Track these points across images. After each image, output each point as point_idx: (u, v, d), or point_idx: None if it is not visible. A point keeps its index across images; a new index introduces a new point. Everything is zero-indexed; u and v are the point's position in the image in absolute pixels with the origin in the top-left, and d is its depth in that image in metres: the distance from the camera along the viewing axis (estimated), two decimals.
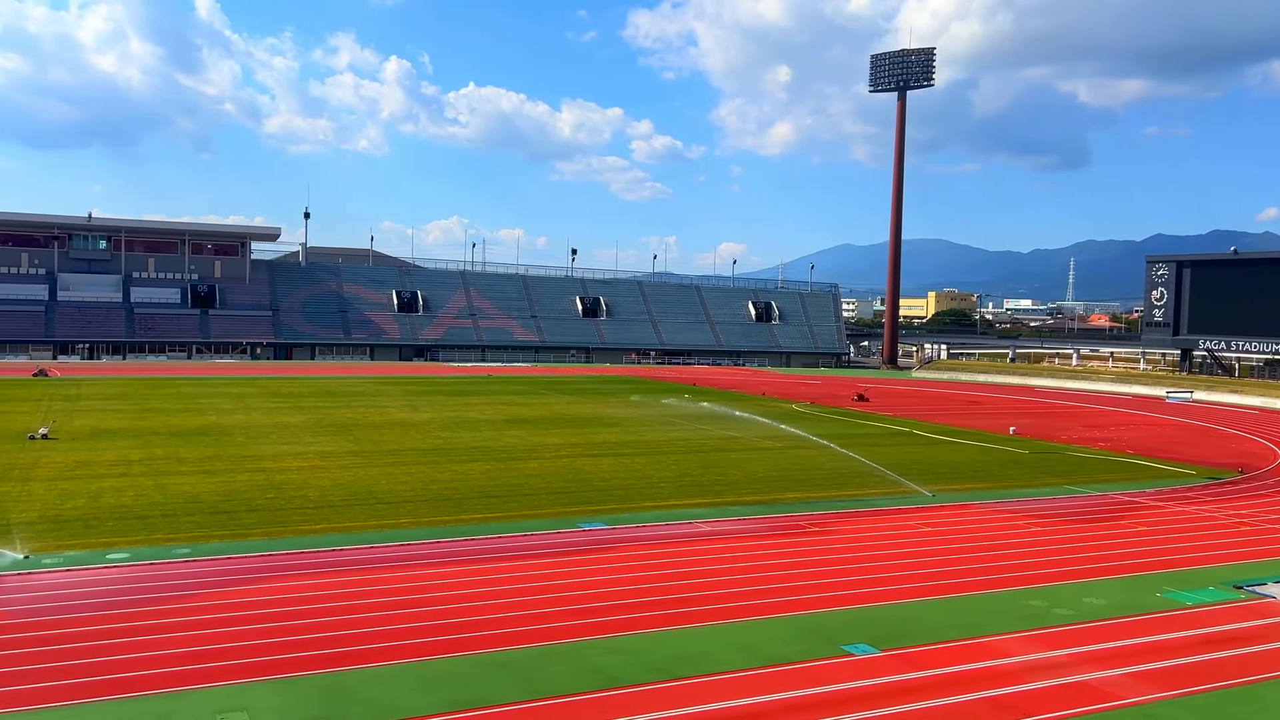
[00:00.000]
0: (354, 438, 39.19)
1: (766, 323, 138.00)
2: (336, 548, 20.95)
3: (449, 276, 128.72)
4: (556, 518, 24.68)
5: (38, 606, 16.41)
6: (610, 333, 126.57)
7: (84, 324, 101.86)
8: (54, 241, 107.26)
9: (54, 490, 26.48)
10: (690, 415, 49.61)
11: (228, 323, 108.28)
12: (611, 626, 16.03)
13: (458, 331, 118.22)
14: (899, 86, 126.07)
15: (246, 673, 13.59)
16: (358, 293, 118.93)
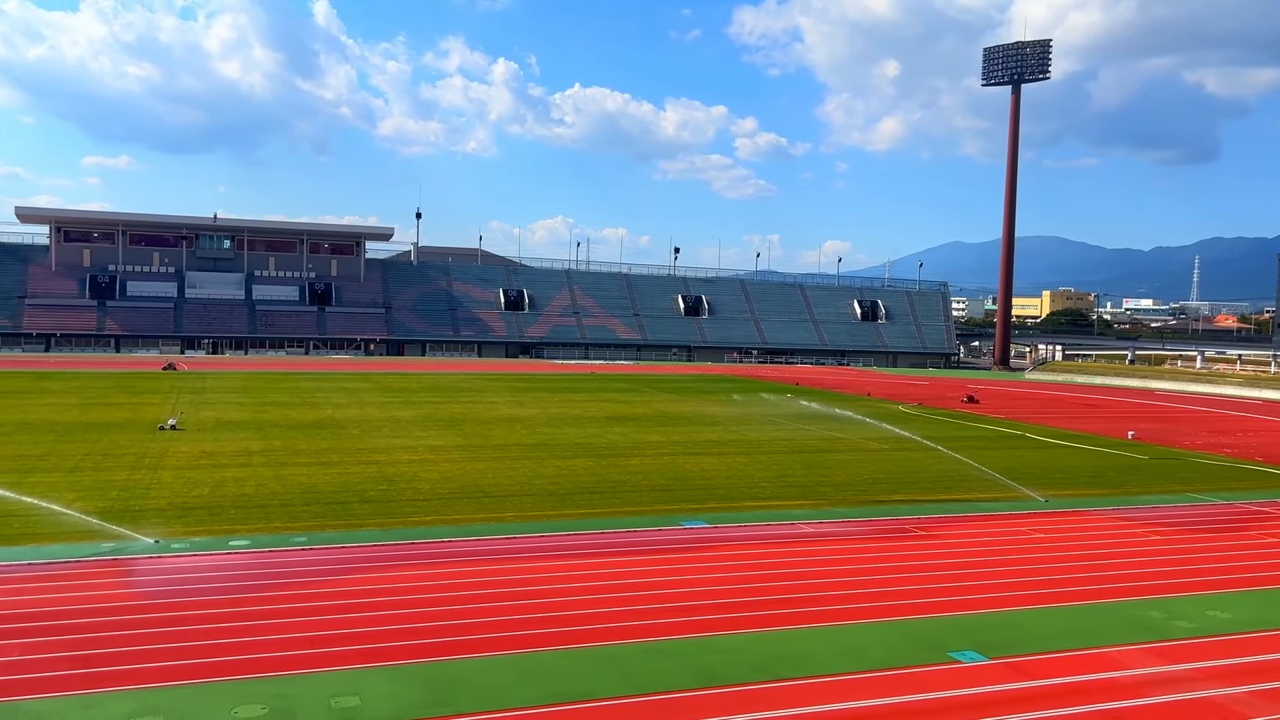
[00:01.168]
0: (462, 432, 40.07)
1: (872, 322, 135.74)
2: (445, 539, 21.47)
3: (554, 275, 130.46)
4: (658, 515, 24.79)
5: (166, 589, 17.28)
6: (712, 331, 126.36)
7: (209, 320, 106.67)
8: (182, 241, 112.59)
9: (181, 479, 27.82)
10: (793, 415, 49.18)
11: (343, 320, 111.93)
12: (713, 625, 16.03)
13: (561, 329, 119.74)
14: (1013, 79, 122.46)
15: (359, 659, 14.04)
16: (466, 291, 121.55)
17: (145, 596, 16.78)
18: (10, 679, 12.92)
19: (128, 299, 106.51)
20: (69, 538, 20.34)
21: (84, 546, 19.79)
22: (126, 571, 18.25)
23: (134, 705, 12.22)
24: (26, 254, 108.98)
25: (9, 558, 18.87)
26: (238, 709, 12.21)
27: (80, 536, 20.39)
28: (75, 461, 30.38)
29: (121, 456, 31.53)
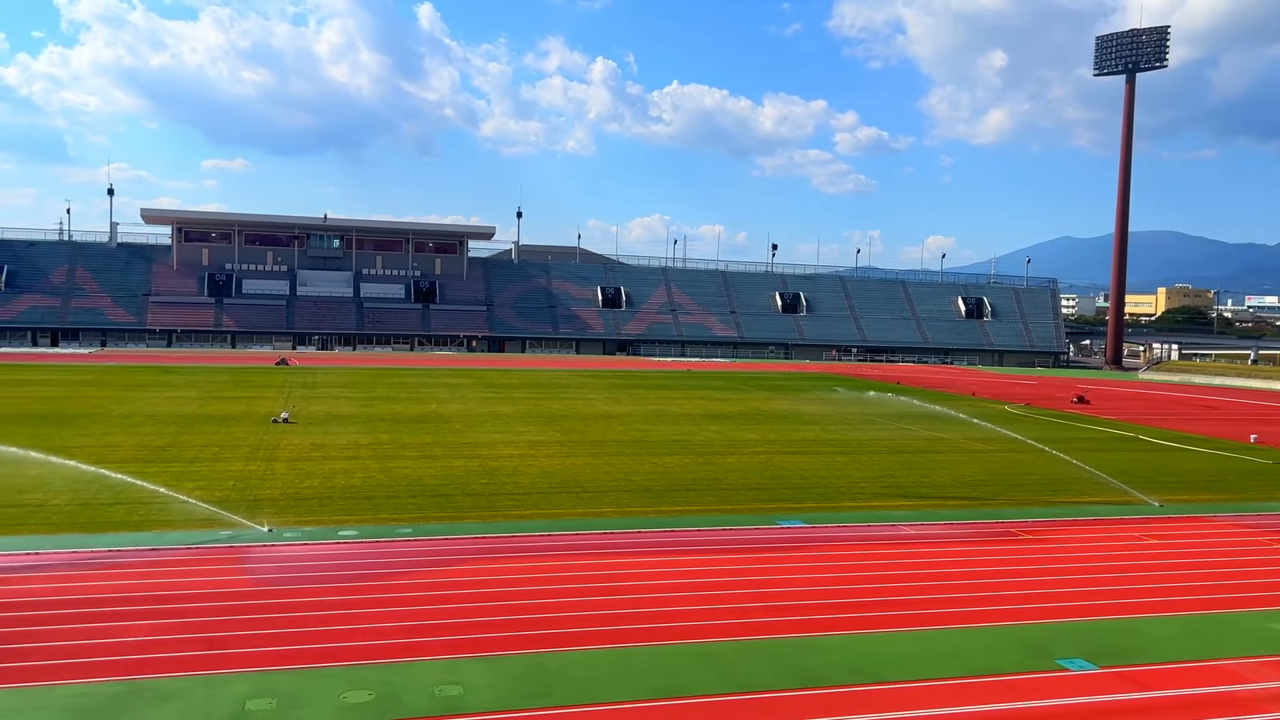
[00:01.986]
0: (561, 428, 40.59)
1: (977, 319, 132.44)
2: (545, 533, 21.80)
3: (650, 273, 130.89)
4: (755, 514, 24.70)
5: (279, 576, 17.98)
6: (810, 329, 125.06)
7: (319, 317, 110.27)
8: (294, 241, 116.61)
9: (294, 470, 28.87)
10: (893, 414, 48.36)
11: (446, 317, 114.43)
12: (810, 625, 15.91)
13: (658, 327, 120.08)
14: (1127, 69, 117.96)
15: (461, 649, 14.39)
16: (565, 289, 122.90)
17: (260, 583, 17.49)
18: (138, 658, 13.63)
19: (243, 296, 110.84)
20: (190, 525, 21.32)
21: (203, 534, 20.72)
22: (243, 558, 19.05)
23: (251, 686, 12.78)
24: (150, 253, 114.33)
25: (136, 543, 19.90)
26: (346, 694, 12.64)
27: (200, 524, 21.36)
28: (195, 452, 31.81)
29: (238, 448, 32.88)
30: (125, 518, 22.00)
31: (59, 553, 19.01)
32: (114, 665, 13.32)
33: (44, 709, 11.94)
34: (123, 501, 23.33)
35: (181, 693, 12.52)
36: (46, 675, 12.94)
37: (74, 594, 16.42)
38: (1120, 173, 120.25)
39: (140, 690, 12.55)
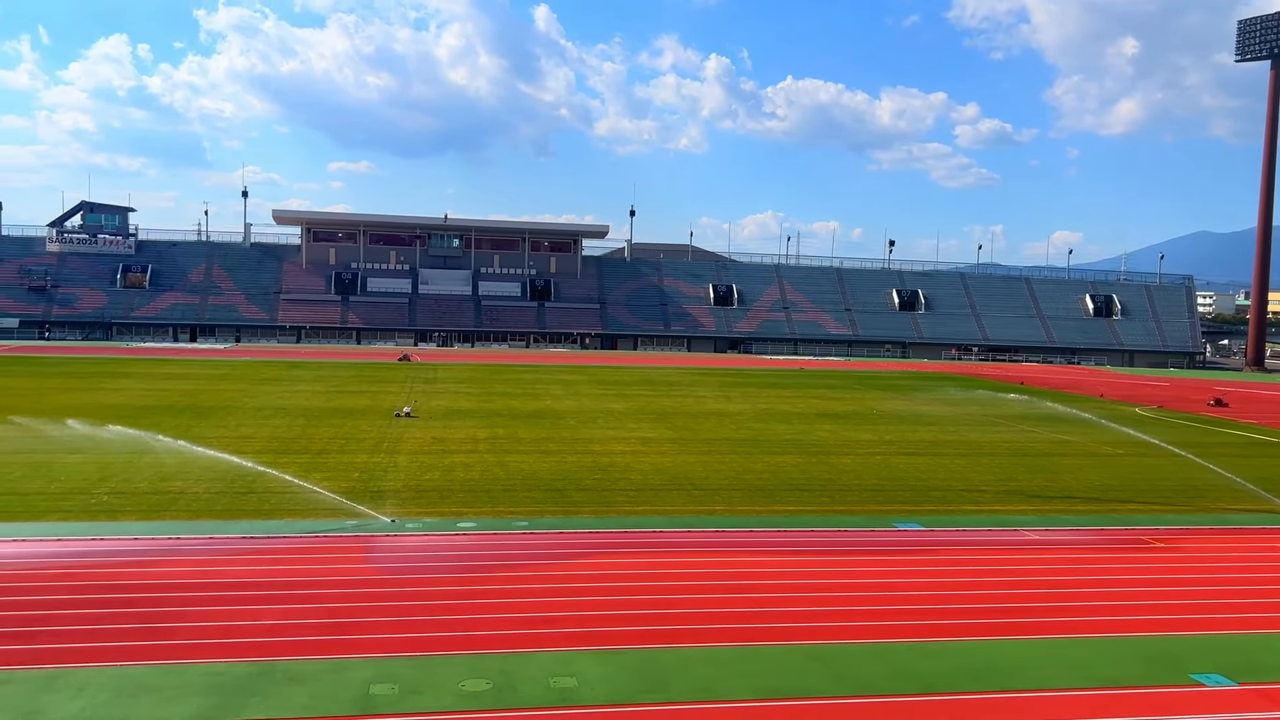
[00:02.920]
0: (672, 425, 40.72)
1: (1105, 318, 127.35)
2: (657, 529, 21.92)
3: (763, 270, 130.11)
4: (870, 515, 24.31)
5: (402, 565, 18.57)
6: (928, 327, 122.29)
7: (440, 315, 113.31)
8: (416, 240, 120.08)
9: (415, 463, 29.75)
10: (1015, 415, 46.89)
11: (561, 314, 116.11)
12: (926, 631, 15.58)
13: (770, 324, 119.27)
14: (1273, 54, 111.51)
15: (575, 641, 14.60)
16: (677, 287, 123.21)
17: (384, 572, 18.10)
18: (270, 640, 14.28)
19: (368, 294, 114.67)
20: (317, 514, 22.20)
21: (330, 523, 21.55)
22: (367, 547, 19.74)
23: (375, 672, 13.24)
24: (281, 253, 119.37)
25: (268, 531, 20.83)
26: (465, 682, 12.98)
27: (327, 513, 22.22)
28: (323, 444, 33.09)
29: (362, 441, 34.06)
30: (258, 506, 23.04)
31: (197, 538, 20.05)
32: (248, 647, 13.98)
33: (186, 685, 12.62)
34: (256, 491, 24.45)
35: (310, 675, 13.06)
36: (188, 654, 13.68)
37: (211, 578, 17.29)
38: (1264, 163, 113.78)
39: (272, 671, 13.14)
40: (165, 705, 12.02)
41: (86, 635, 14.28)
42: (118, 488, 24.65)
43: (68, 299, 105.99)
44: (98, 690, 12.36)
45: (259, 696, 12.36)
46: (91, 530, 20.45)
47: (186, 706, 12.00)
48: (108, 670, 12.99)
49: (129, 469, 26.74)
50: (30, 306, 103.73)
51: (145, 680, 12.71)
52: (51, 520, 21.25)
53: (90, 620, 14.90)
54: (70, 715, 11.67)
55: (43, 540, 19.53)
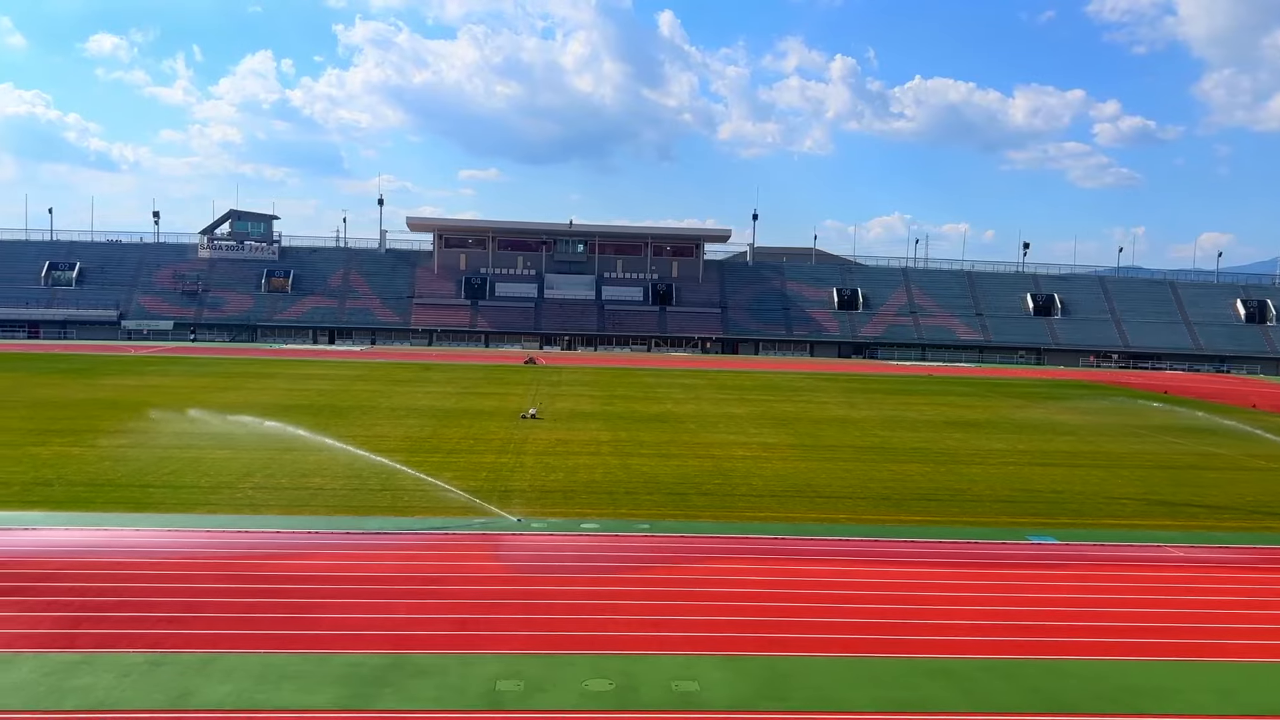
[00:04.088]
0: (794, 431, 40.35)
1: (1259, 324, 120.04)
2: (779, 536, 21.78)
3: (889, 273, 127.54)
4: (1001, 527, 23.58)
5: (527, 564, 18.98)
6: (1065, 333, 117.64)
7: (564, 319, 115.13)
8: (542, 246, 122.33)
9: (540, 463, 30.34)
10: (1158, 426, 44.70)
11: (682, 319, 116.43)
12: (1058, 648, 15.03)
13: (897, 329, 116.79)
14: None
15: (697, 645, 14.65)
16: (800, 290, 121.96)
17: (510, 569, 18.53)
18: (402, 634, 14.82)
19: (496, 299, 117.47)
20: (448, 512, 22.89)
21: (459, 520, 22.19)
22: (495, 545, 20.25)
23: (501, 667, 13.58)
24: (414, 259, 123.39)
25: (399, 527, 21.60)
26: (588, 682, 13.19)
27: (457, 511, 22.89)
28: (453, 444, 34.07)
29: (490, 441, 34.92)
30: (392, 503, 23.90)
31: (335, 533, 20.94)
32: (381, 639, 14.54)
33: (324, 674, 13.21)
34: (390, 488, 25.36)
35: (439, 669, 13.50)
36: (326, 644, 14.31)
37: (348, 571, 18.04)
38: None
39: (404, 664, 13.63)
40: (305, 693, 12.61)
41: (234, 623, 15.10)
42: (261, 483, 25.97)
43: (216, 302, 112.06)
44: (244, 675, 13.06)
45: (391, 688, 12.84)
46: (238, 523, 21.60)
47: (324, 695, 12.57)
48: (253, 657, 13.71)
49: (272, 465, 28.13)
50: (183, 309, 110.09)
51: (287, 668, 13.36)
52: (201, 512, 22.54)
53: (237, 609, 15.75)
54: (220, 698, 12.36)
55: (194, 531, 20.74)
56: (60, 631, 14.41)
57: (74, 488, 24.81)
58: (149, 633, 14.46)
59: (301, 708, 12.18)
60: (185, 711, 11.96)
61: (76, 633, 14.38)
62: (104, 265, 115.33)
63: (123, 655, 13.58)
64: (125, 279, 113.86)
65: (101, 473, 26.83)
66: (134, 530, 20.63)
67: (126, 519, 21.62)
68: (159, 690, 12.52)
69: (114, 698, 12.25)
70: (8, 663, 13.22)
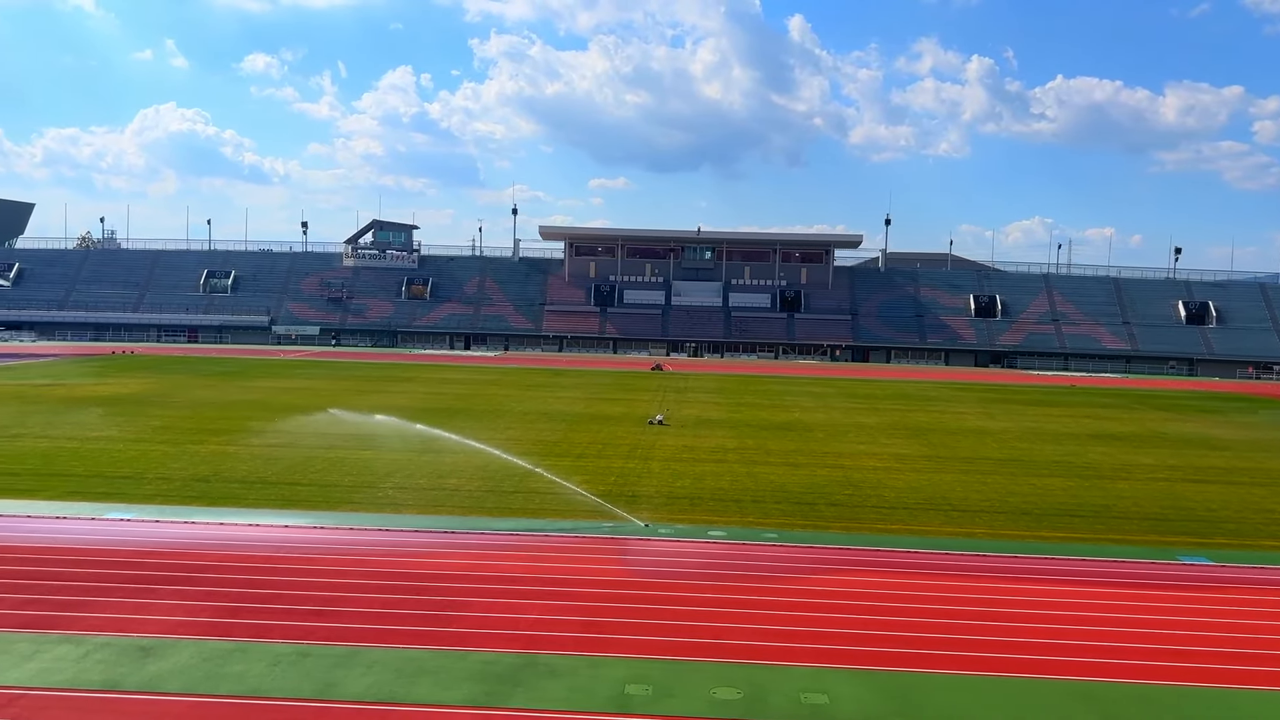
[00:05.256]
0: (928, 442, 39.35)
1: None
2: (911, 549, 21.28)
3: (1029, 280, 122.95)
4: (1150, 546, 22.44)
5: (655, 569, 19.09)
6: (1220, 342, 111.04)
7: (691, 325, 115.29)
8: (670, 253, 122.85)
9: (667, 470, 30.47)
10: None
11: (810, 326, 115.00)
12: (1214, 675, 14.21)
13: (1037, 338, 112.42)
14: None
15: (825, 658, 14.46)
16: (934, 297, 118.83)
17: (638, 574, 18.69)
18: (533, 634, 15.13)
19: (624, 306, 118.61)
20: (577, 515, 23.25)
21: (589, 524, 22.50)
22: (622, 550, 20.45)
23: (629, 671, 13.71)
24: (546, 266, 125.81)
25: (531, 529, 22.04)
26: (716, 690, 13.18)
27: (586, 514, 23.22)
28: (582, 448, 34.57)
29: (618, 446, 35.28)
30: (523, 505, 24.42)
31: (470, 533, 21.53)
32: (514, 639, 14.87)
33: (461, 670, 13.61)
34: (521, 490, 25.92)
35: (569, 670, 13.72)
36: (461, 641, 14.73)
37: (482, 571, 18.53)
38: None
39: (535, 664, 13.91)
40: (442, 689, 13.01)
41: (375, 618, 15.71)
42: (401, 483, 26.92)
43: (359, 309, 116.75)
44: (384, 669, 13.57)
45: (523, 687, 13.12)
46: (378, 521, 22.46)
47: (460, 691, 12.94)
48: (393, 651, 14.24)
49: (411, 466, 29.13)
50: (328, 315, 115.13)
51: (425, 663, 13.82)
52: (345, 510, 23.53)
53: (378, 604, 16.38)
54: (361, 690, 12.88)
55: (338, 529, 21.67)
56: (216, 620, 15.28)
57: (229, 485, 26.26)
58: (297, 624, 15.19)
59: (439, 703, 12.58)
60: (330, 702, 12.50)
61: (231, 622, 15.22)
62: (256, 273, 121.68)
63: (273, 645, 14.31)
64: (276, 286, 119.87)
65: (254, 471, 28.32)
66: (283, 526, 21.69)
67: (276, 515, 22.76)
68: (306, 680, 13.13)
69: (265, 685, 12.91)
70: (170, 648, 14.09)
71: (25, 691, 12.47)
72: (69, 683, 12.78)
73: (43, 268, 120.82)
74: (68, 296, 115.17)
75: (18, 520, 21.59)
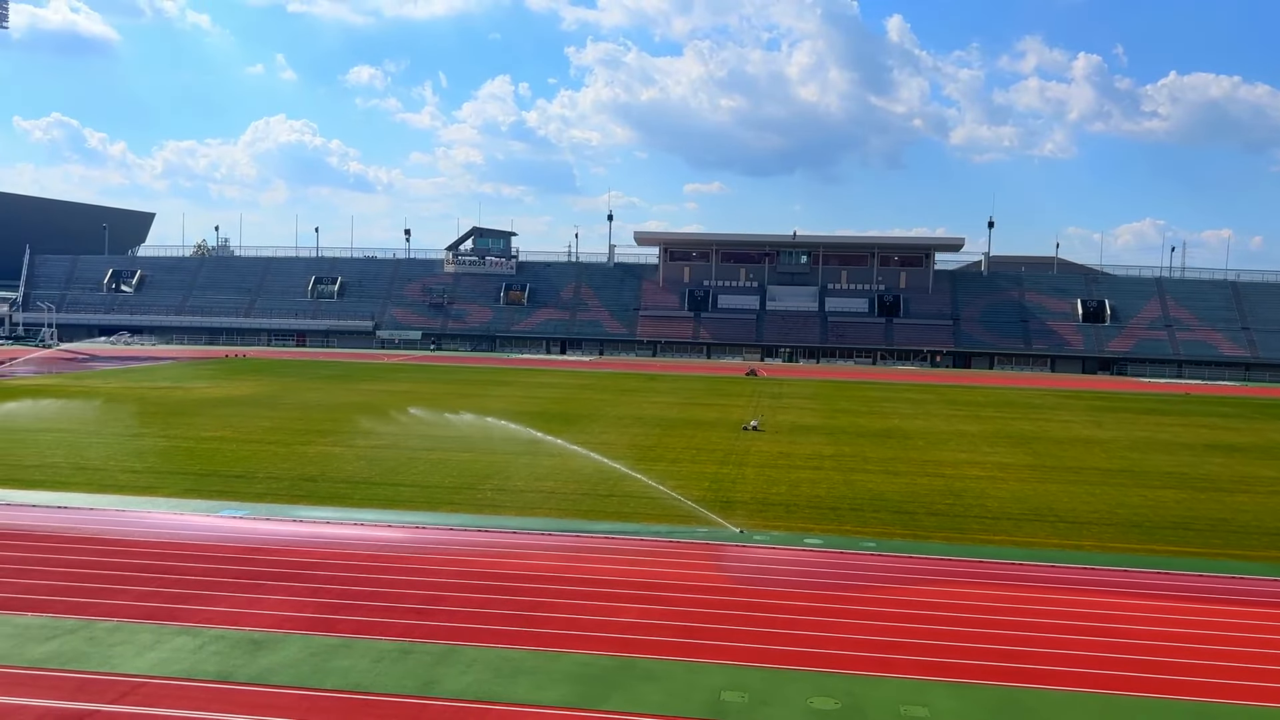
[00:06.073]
0: (1033, 451, 38.22)
1: None
2: (1016, 561, 20.70)
3: (1140, 284, 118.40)
4: (1271, 562, 21.36)
5: (751, 576, 18.97)
6: None
7: (786, 330, 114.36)
8: (765, 258, 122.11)
9: (762, 476, 30.26)
10: None
11: (910, 331, 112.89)
12: None
13: (1149, 344, 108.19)
14: None
15: (927, 670, 14.16)
16: (1040, 302, 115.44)
17: (733, 580, 18.60)
18: (629, 638, 15.18)
19: (718, 311, 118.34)
20: (671, 519, 23.27)
21: (683, 529, 22.49)
22: (717, 555, 20.39)
23: (726, 678, 13.65)
24: (641, 272, 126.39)
25: (625, 532, 22.13)
26: (813, 699, 13.03)
27: (681, 519, 23.22)
28: (676, 453, 34.59)
29: (712, 452, 35.19)
30: (618, 509, 24.56)
31: (566, 535, 21.73)
32: (610, 641, 14.96)
33: (556, 671, 13.75)
34: (616, 494, 26.07)
35: (666, 674, 13.73)
36: (558, 643, 14.88)
37: (578, 573, 18.68)
38: None
39: (632, 667, 13.96)
40: (539, 689, 13.16)
41: (473, 617, 15.98)
42: (500, 485, 27.35)
43: (460, 314, 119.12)
44: (483, 668, 13.80)
45: (619, 690, 13.18)
46: (477, 522, 22.86)
47: (556, 692, 13.07)
48: (491, 651, 14.46)
49: (509, 468, 29.57)
50: (430, 320, 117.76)
51: (523, 663, 14.01)
52: (445, 511, 24.01)
53: (476, 604, 16.66)
54: (461, 688, 13.12)
55: (438, 529, 22.12)
56: (322, 616, 15.75)
57: (335, 484, 27.07)
58: (398, 622, 15.56)
59: (536, 703, 12.72)
60: (431, 699, 12.76)
61: (336, 618, 15.67)
62: (361, 279, 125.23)
63: (376, 641, 14.69)
64: (379, 292, 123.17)
65: (358, 471, 29.13)
66: (386, 526, 22.26)
67: (380, 515, 23.37)
68: (408, 677, 13.44)
69: (369, 681, 13.26)
70: (279, 642, 14.59)
71: (147, 680, 13.06)
72: (186, 673, 13.33)
73: (162, 274, 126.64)
74: (185, 302, 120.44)
75: (139, 515, 22.65)
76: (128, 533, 20.92)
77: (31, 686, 12.72)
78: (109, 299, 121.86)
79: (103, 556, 18.94)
